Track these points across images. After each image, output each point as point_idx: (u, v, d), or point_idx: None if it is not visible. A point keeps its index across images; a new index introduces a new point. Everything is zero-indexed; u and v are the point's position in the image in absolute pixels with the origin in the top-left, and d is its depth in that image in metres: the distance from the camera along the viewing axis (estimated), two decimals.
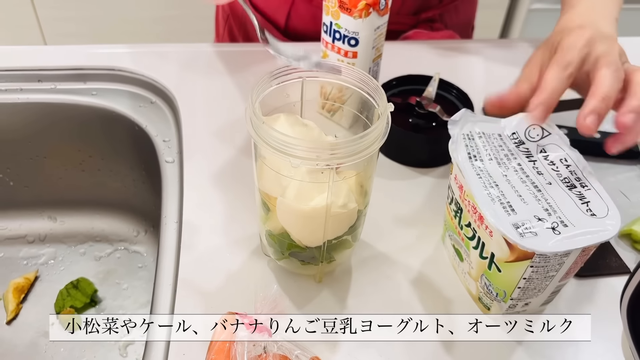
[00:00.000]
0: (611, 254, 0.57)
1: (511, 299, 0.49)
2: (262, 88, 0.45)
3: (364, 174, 0.47)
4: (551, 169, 0.48)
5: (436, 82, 0.68)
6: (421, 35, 0.86)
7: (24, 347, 0.73)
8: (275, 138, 0.41)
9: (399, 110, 0.67)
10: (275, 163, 0.44)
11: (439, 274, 0.56)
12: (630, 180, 0.66)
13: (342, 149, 0.41)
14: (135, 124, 0.73)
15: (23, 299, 0.76)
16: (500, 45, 0.88)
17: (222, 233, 0.58)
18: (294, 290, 0.53)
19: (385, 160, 0.67)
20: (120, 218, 0.86)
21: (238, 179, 0.62)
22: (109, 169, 0.81)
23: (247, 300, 0.47)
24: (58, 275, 0.80)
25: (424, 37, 0.86)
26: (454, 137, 0.50)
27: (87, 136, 0.78)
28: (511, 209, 0.45)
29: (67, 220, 0.85)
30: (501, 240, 0.45)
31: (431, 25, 0.88)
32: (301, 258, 0.50)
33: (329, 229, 0.47)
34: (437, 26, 0.88)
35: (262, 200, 0.48)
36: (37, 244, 0.83)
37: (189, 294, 0.52)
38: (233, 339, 0.42)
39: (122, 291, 0.80)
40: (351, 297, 0.53)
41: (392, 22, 0.85)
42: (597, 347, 0.51)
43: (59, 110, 0.75)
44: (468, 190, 0.47)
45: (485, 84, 0.79)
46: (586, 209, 0.45)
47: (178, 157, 0.67)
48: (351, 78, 0.47)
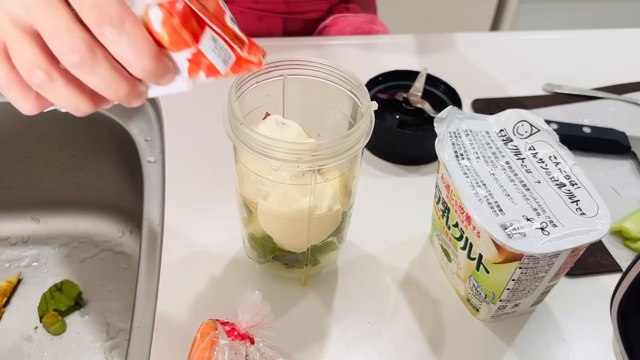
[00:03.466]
0: (602, 251, 0.57)
1: (500, 300, 0.47)
2: (240, 87, 0.44)
3: (348, 174, 0.46)
4: (540, 167, 0.47)
5: (423, 77, 0.67)
6: (341, 22, 0.85)
7: (7, 351, 0.71)
8: (254, 140, 0.39)
9: (385, 107, 0.66)
10: (256, 166, 0.43)
11: (427, 275, 0.54)
12: (620, 175, 0.65)
13: (324, 150, 0.40)
14: (117, 123, 0.71)
15: (5, 303, 0.75)
16: (491, 38, 0.86)
17: (205, 235, 0.56)
18: (279, 294, 0.52)
19: (372, 157, 0.65)
20: (104, 219, 0.84)
21: (221, 179, 0.61)
22: (92, 169, 0.80)
23: (229, 305, 0.45)
24: (41, 278, 0.78)
25: (345, 22, 0.84)
26: (440, 135, 0.48)
27: (68, 136, 0.76)
28: (499, 209, 0.44)
29: (51, 221, 0.84)
30: (489, 241, 0.43)
31: (346, 7, 0.87)
32: (285, 261, 0.49)
33: (313, 233, 0.45)
34: (352, 7, 0.87)
35: (244, 203, 0.47)
36: (20, 245, 0.82)
37: (171, 298, 0.51)
38: (214, 347, 0.41)
39: (107, 293, 0.78)
40: (337, 300, 0.52)
41: (306, 10, 0.85)
42: (587, 347, 0.50)
43: None
44: (455, 190, 0.46)
45: (475, 78, 0.77)
46: (576, 207, 0.44)
47: (160, 157, 0.65)
48: (333, 76, 0.45)
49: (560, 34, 0.89)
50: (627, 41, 0.88)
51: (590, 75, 0.79)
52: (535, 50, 0.84)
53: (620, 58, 0.83)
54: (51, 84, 0.31)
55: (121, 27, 0.30)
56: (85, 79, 0.31)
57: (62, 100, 0.32)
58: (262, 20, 0.82)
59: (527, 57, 0.82)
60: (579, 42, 0.87)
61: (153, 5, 0.31)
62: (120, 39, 0.30)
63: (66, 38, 0.30)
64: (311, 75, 0.46)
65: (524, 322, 0.51)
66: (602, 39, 0.89)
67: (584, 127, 0.67)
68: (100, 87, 0.32)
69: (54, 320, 0.72)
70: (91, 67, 0.30)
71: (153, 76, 0.32)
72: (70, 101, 0.32)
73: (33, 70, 0.31)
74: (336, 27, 0.84)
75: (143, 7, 0.31)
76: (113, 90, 0.32)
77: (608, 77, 0.79)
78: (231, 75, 0.35)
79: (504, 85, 0.77)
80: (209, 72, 0.34)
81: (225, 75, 0.35)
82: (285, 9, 0.82)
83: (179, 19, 0.31)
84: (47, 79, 0.31)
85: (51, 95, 0.32)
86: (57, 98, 0.32)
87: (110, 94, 0.32)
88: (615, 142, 0.67)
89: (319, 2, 0.84)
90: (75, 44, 0.30)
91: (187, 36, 0.32)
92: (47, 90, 0.32)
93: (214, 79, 0.35)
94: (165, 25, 0.31)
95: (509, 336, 0.50)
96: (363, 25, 0.85)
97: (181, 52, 0.33)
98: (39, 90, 0.32)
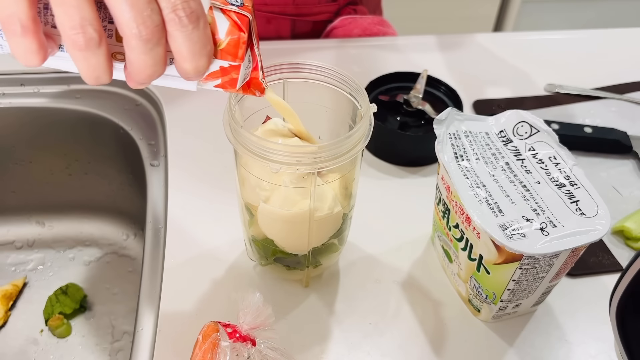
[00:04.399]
0: (603, 251, 0.57)
1: (501, 301, 0.48)
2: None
3: (348, 176, 0.46)
4: (540, 168, 0.47)
5: (424, 79, 0.67)
6: (349, 23, 0.85)
7: (13, 355, 0.72)
8: (254, 143, 0.40)
9: (386, 109, 0.66)
10: (256, 169, 0.43)
11: (429, 275, 0.55)
12: (622, 175, 0.65)
13: (324, 152, 0.40)
14: (120, 127, 0.71)
15: (11, 306, 0.76)
16: (491, 39, 0.86)
17: (207, 238, 0.57)
18: (280, 296, 0.52)
19: (373, 159, 0.66)
20: (109, 222, 0.85)
21: (224, 182, 0.61)
22: (96, 173, 0.80)
23: (231, 307, 0.46)
24: (47, 282, 0.79)
25: (353, 24, 0.85)
26: (440, 136, 0.49)
27: (72, 140, 0.77)
28: (499, 210, 0.44)
29: (56, 225, 0.84)
30: (489, 242, 0.44)
31: (354, 8, 0.87)
32: (286, 263, 0.49)
33: (314, 235, 0.46)
34: (360, 9, 0.87)
35: (245, 206, 0.47)
36: (25, 249, 0.82)
37: (174, 300, 0.52)
38: (216, 349, 0.41)
39: (112, 296, 0.79)
40: (339, 302, 0.52)
41: (315, 12, 0.85)
42: (589, 348, 0.50)
43: (43, 114, 0.74)
44: (454, 191, 0.46)
45: (476, 79, 0.78)
46: (575, 208, 0.44)
47: (163, 161, 0.66)
48: (333, 79, 0.46)
49: (561, 34, 0.89)
50: (628, 41, 0.88)
51: (591, 75, 0.79)
52: (536, 50, 0.84)
53: (622, 58, 0.83)
54: (97, 47, 0.30)
55: (197, 23, 0.31)
56: (135, 54, 0.31)
57: (90, 66, 0.31)
58: (271, 22, 0.83)
59: (528, 57, 0.82)
60: (580, 42, 0.87)
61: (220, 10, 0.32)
62: (191, 34, 0.31)
63: (145, 9, 0.30)
64: (311, 79, 0.46)
65: (526, 323, 0.51)
66: (603, 38, 0.88)
67: (585, 127, 0.67)
68: (142, 67, 0.31)
69: (60, 323, 0.73)
70: (153, 46, 0.30)
71: (197, 75, 0.32)
72: (98, 69, 0.31)
73: (85, 27, 0.29)
74: (344, 29, 0.85)
75: (207, 4, 0.32)
76: (150, 72, 0.32)
77: (609, 77, 0.79)
78: (235, 92, 0.37)
79: (505, 86, 0.77)
80: (226, 84, 0.35)
81: (234, 90, 0.36)
82: (294, 11, 0.83)
83: (246, 36, 0.33)
84: (97, 39, 0.30)
85: (85, 58, 0.30)
86: (87, 64, 0.31)
87: (144, 75, 0.32)
88: (617, 142, 0.67)
89: (327, 4, 0.84)
90: (151, 19, 0.30)
91: (241, 52, 0.33)
92: (87, 51, 0.30)
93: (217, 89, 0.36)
94: (231, 35, 0.33)
95: (510, 336, 0.50)
96: (371, 27, 0.86)
97: (222, 61, 0.34)
98: (77, 48, 0.30)
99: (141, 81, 0.33)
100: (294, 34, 0.85)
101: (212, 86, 0.36)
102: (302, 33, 0.86)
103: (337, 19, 0.86)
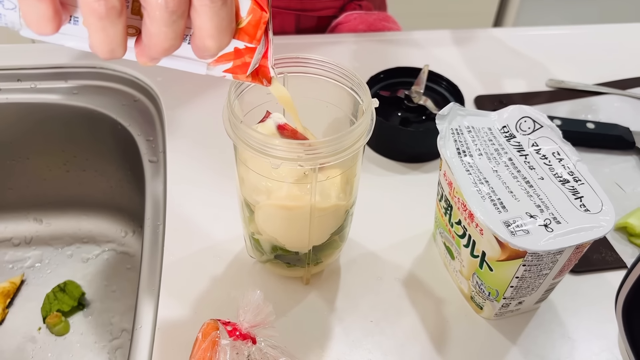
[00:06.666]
0: (606, 248, 0.56)
1: (504, 298, 0.47)
2: (240, 85, 0.43)
3: (349, 172, 0.46)
4: (543, 163, 0.47)
5: (425, 74, 0.66)
6: (354, 19, 0.84)
7: (11, 352, 0.71)
8: (254, 138, 0.39)
9: (387, 104, 0.65)
10: (256, 165, 0.43)
11: (431, 272, 0.54)
12: (625, 171, 0.65)
13: (325, 148, 0.40)
14: (118, 123, 0.71)
15: (9, 304, 0.75)
16: (493, 34, 0.86)
17: (207, 234, 0.56)
18: (281, 293, 0.52)
19: (374, 155, 0.65)
20: (107, 219, 0.84)
21: (223, 178, 0.61)
22: (94, 169, 0.79)
23: (231, 305, 0.45)
24: (45, 279, 0.78)
25: (358, 20, 0.84)
26: (442, 132, 0.48)
27: (70, 136, 0.76)
28: (502, 206, 0.43)
29: (53, 221, 0.84)
30: (492, 239, 0.43)
31: (359, 4, 0.86)
32: (287, 260, 0.49)
33: (315, 231, 0.45)
34: (365, 4, 0.87)
35: (245, 202, 0.47)
36: (23, 246, 0.82)
37: (173, 298, 0.51)
38: (215, 347, 0.40)
39: (110, 293, 0.78)
40: (340, 299, 0.52)
41: (319, 7, 0.85)
42: (592, 345, 0.49)
43: (40, 110, 0.73)
44: (457, 187, 0.46)
45: (478, 75, 0.77)
46: (579, 204, 0.43)
47: (162, 157, 0.65)
48: (334, 74, 0.45)
49: (563, 30, 0.88)
50: (630, 36, 0.87)
51: (593, 71, 0.79)
52: (538, 45, 0.83)
53: (624, 53, 0.83)
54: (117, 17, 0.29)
55: (224, 2, 0.30)
56: (157, 26, 0.30)
57: (108, 37, 0.30)
58: (276, 17, 0.82)
59: (530, 52, 0.82)
60: (582, 37, 0.86)
61: None
62: (220, 10, 0.30)
63: None
64: (312, 73, 0.46)
65: (528, 320, 0.51)
66: (605, 34, 0.88)
67: (587, 123, 0.66)
68: (162, 40, 0.30)
69: (58, 321, 0.72)
70: (177, 18, 0.29)
71: (217, 51, 0.32)
72: (114, 41, 0.30)
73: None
74: (349, 25, 0.84)
75: None
76: (167, 46, 0.31)
77: (612, 72, 0.78)
78: (243, 79, 0.36)
79: (507, 81, 0.76)
80: (237, 68, 0.34)
81: (243, 77, 0.35)
82: (299, 6, 0.82)
83: (267, 16, 0.32)
84: (119, 8, 0.29)
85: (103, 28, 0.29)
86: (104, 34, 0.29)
87: (161, 48, 0.31)
88: (620, 138, 0.66)
89: (332, 0, 0.84)
90: None
91: (260, 33, 0.32)
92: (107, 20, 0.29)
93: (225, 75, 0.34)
94: (253, 14, 0.32)
95: (513, 334, 0.50)
96: (376, 23, 0.85)
97: (238, 41, 0.32)
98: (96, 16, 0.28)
99: (155, 55, 0.32)
100: (298, 29, 0.85)
101: (221, 71, 0.34)
102: (307, 28, 0.85)
103: (342, 15, 0.85)
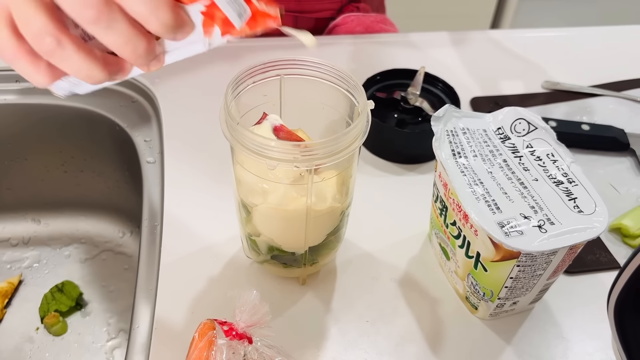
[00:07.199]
0: (600, 249, 0.56)
1: (499, 299, 0.47)
2: (237, 87, 0.44)
3: (345, 173, 0.46)
4: (538, 165, 0.47)
5: (421, 76, 0.67)
6: (351, 21, 0.85)
7: (9, 352, 0.72)
8: (251, 140, 0.39)
9: (383, 106, 0.66)
10: (253, 166, 0.43)
11: (426, 273, 0.54)
12: (619, 172, 0.65)
13: (321, 149, 0.40)
14: (116, 124, 0.71)
15: (7, 304, 0.75)
16: (488, 36, 0.86)
17: (204, 235, 0.56)
18: (277, 293, 0.52)
19: (370, 156, 0.65)
20: (105, 219, 0.84)
21: (220, 179, 0.61)
22: (92, 170, 0.80)
23: (227, 305, 0.46)
24: (42, 279, 0.79)
25: (355, 22, 0.84)
26: (437, 133, 0.48)
27: (68, 137, 0.76)
28: (496, 207, 0.44)
29: (51, 222, 0.84)
30: (486, 240, 0.43)
31: (357, 6, 0.87)
32: (283, 261, 0.49)
33: (311, 232, 0.46)
34: (362, 7, 0.87)
35: (242, 203, 0.47)
36: (21, 247, 0.82)
37: (170, 298, 0.51)
38: (212, 347, 0.41)
39: (108, 294, 0.78)
40: (336, 299, 0.52)
41: (317, 9, 0.85)
42: (586, 345, 0.50)
43: (38, 111, 0.74)
44: (452, 188, 0.46)
45: (474, 76, 0.77)
46: (573, 205, 0.44)
47: (159, 158, 0.66)
48: (330, 75, 0.45)
49: (558, 32, 0.89)
50: (626, 38, 0.88)
51: (589, 73, 0.79)
52: (534, 47, 0.84)
53: (620, 55, 0.83)
54: (61, 51, 0.30)
55: None
56: (102, 36, 0.30)
57: (73, 67, 0.31)
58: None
59: (526, 54, 0.82)
60: (578, 39, 0.87)
61: None
62: None
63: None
64: (308, 75, 0.46)
65: (523, 320, 0.51)
66: (601, 36, 0.88)
67: (582, 125, 0.67)
68: (118, 45, 0.31)
69: (55, 321, 0.73)
70: (108, 21, 0.30)
71: (171, 29, 0.31)
72: (82, 68, 0.31)
73: (42, 37, 0.30)
74: (346, 27, 0.84)
75: None
76: (131, 47, 0.31)
77: (607, 74, 0.79)
78: (247, 31, 0.34)
79: (503, 83, 0.77)
80: (224, 27, 0.33)
81: (241, 32, 0.33)
82: (297, 8, 0.82)
83: None
84: (57, 45, 0.30)
85: (62, 62, 0.31)
86: (68, 65, 0.31)
87: (128, 53, 0.31)
88: (614, 139, 0.67)
89: (330, 1, 0.84)
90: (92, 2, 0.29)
91: None
92: (58, 58, 0.31)
93: (231, 38, 0.33)
94: None
95: (507, 334, 0.50)
96: (373, 25, 0.85)
97: (194, 5, 0.32)
98: (49, 58, 0.31)
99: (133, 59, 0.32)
100: None
101: (219, 39, 0.34)
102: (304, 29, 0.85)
103: (340, 17, 0.85)
